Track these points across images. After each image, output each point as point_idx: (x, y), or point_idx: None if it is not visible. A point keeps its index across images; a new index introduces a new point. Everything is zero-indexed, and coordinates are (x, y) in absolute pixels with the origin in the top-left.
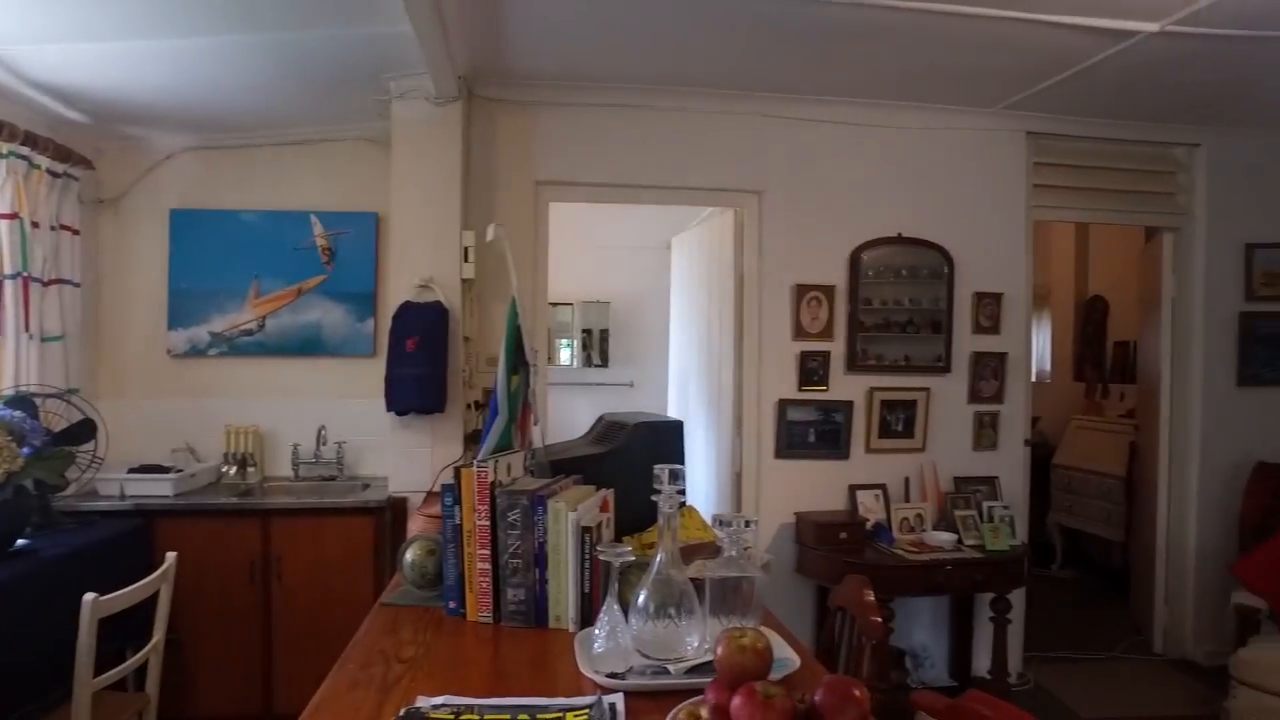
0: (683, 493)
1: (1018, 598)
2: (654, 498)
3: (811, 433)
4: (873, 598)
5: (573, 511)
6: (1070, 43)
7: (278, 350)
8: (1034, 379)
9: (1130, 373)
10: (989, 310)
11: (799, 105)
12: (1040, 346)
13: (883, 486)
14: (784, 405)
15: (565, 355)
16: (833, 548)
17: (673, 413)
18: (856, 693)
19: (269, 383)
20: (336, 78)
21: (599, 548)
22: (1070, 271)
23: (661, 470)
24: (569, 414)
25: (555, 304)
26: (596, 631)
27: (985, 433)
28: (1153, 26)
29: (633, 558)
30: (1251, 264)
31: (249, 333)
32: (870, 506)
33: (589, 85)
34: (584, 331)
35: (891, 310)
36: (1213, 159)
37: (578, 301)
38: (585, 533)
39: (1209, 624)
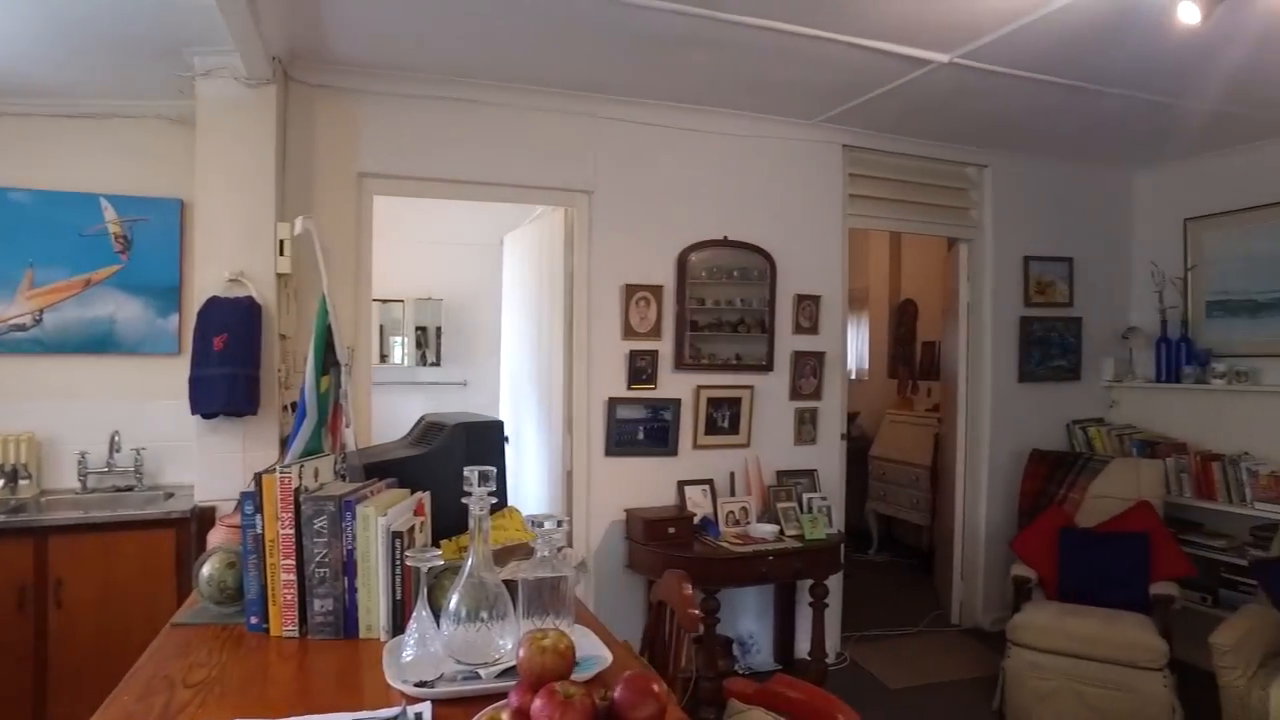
0: (494, 494)
1: (835, 583)
2: (464, 500)
3: (641, 430)
4: (690, 591)
5: (383, 516)
6: (877, 65)
7: (59, 348)
8: (854, 377)
9: (936, 370)
10: (809, 311)
11: (631, 108)
12: (859, 346)
13: (710, 482)
14: (613, 404)
15: (398, 354)
16: (662, 543)
17: (505, 412)
18: (655, 688)
19: (47, 384)
20: (125, 45)
21: (407, 553)
22: (885, 276)
23: (471, 473)
24: (401, 414)
25: (385, 301)
26: (407, 640)
27: (805, 428)
28: (944, 57)
29: (441, 562)
30: (1028, 274)
31: (21, 328)
32: (698, 501)
33: (418, 76)
34: (419, 329)
35: (724, 310)
36: (998, 179)
37: (409, 299)
38: (397, 538)
39: (995, 595)
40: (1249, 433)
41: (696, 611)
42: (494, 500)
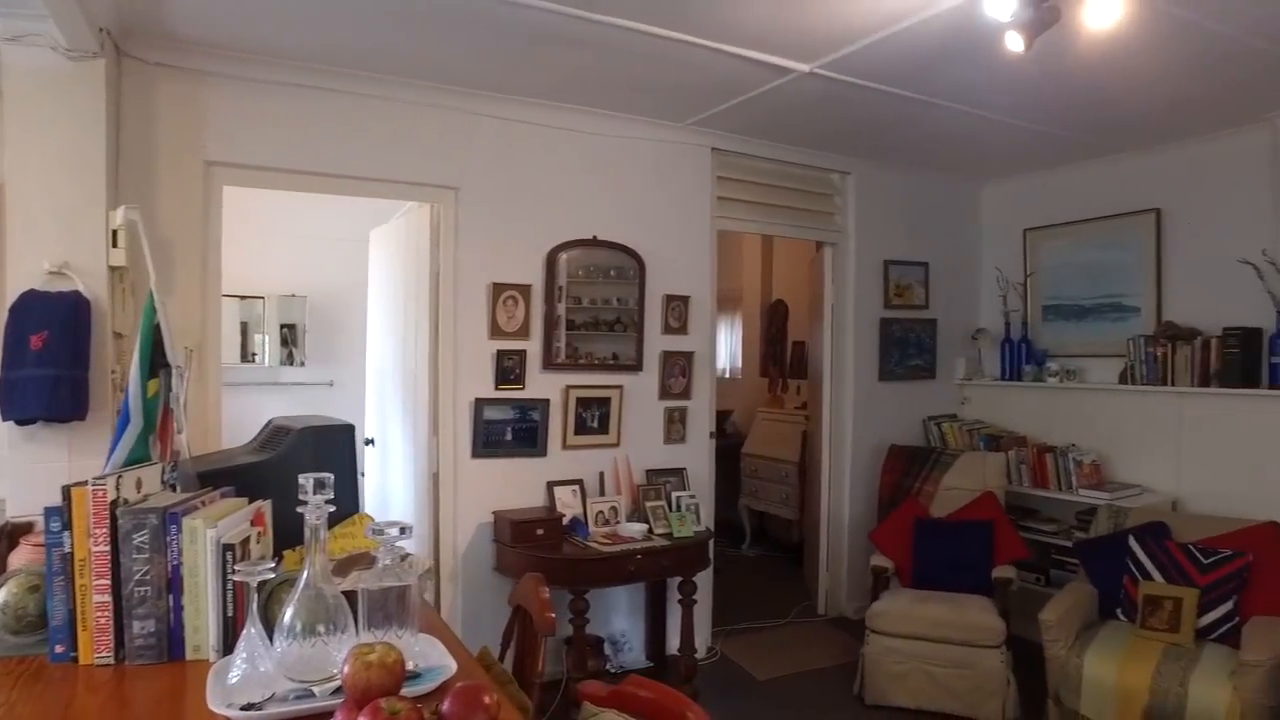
0: (334, 502)
1: (705, 579)
2: (300, 509)
3: (509, 431)
4: (547, 595)
5: (213, 528)
6: (743, 71)
7: None
8: (727, 376)
9: (805, 369)
10: (678, 312)
11: (500, 104)
12: (733, 346)
13: (579, 482)
14: (480, 404)
15: (261, 353)
16: (530, 545)
17: (370, 414)
18: (486, 699)
19: None
20: None
21: (237, 567)
22: (758, 278)
23: (307, 479)
24: (264, 418)
25: (245, 297)
26: (234, 660)
27: (675, 427)
28: (805, 67)
29: (273, 574)
30: (888, 277)
31: None
32: (568, 502)
33: (276, 62)
34: (285, 327)
35: (594, 310)
36: (860, 186)
37: (272, 295)
38: (228, 551)
39: (858, 584)
40: (1076, 426)
41: (553, 615)
42: (333, 509)
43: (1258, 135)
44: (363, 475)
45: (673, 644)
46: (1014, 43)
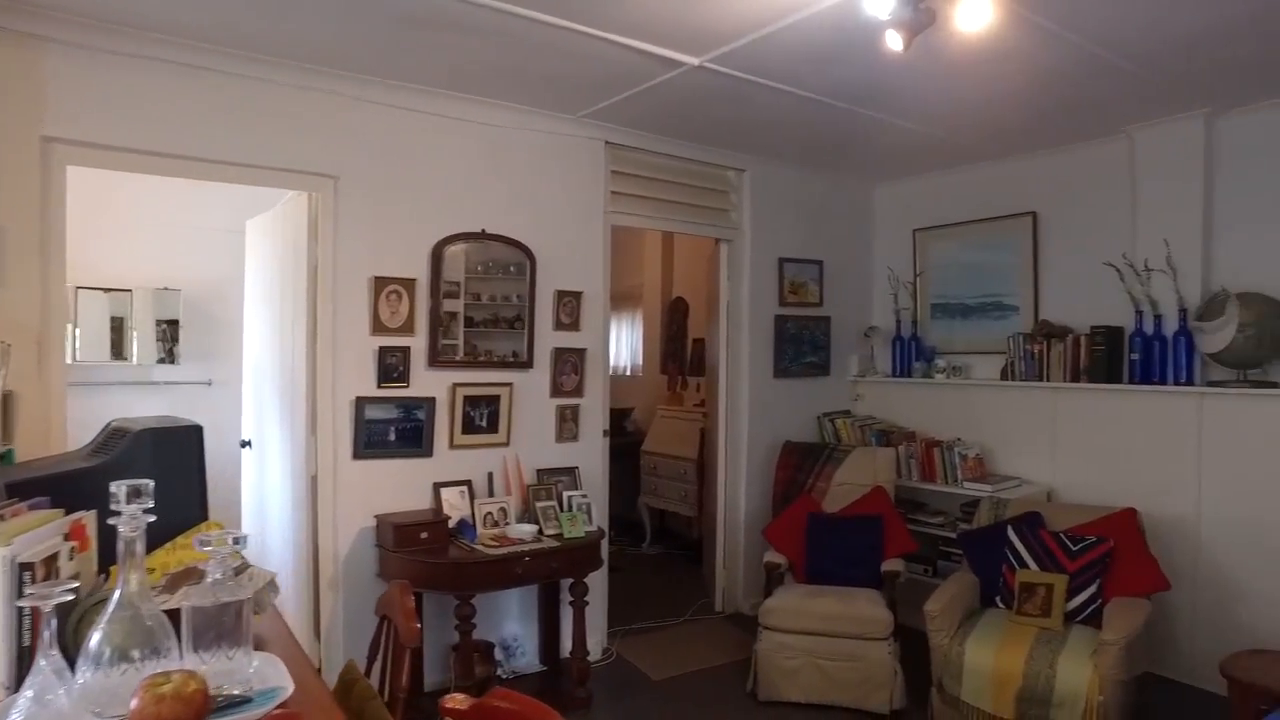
0: (150, 511)
1: (600, 579)
2: (110, 520)
3: (392, 431)
4: (412, 603)
5: (7, 546)
6: (633, 63)
7: None
8: (628, 373)
9: (704, 366)
10: (570, 308)
11: (383, 90)
12: (634, 343)
13: (468, 483)
14: (362, 403)
15: (131, 351)
16: (414, 549)
17: (248, 414)
18: None
19: None
20: None
21: (29, 589)
22: (659, 274)
23: (119, 487)
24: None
25: (111, 290)
26: (19, 698)
27: (567, 425)
28: (694, 60)
29: (70, 596)
30: (783, 274)
31: None
32: (455, 504)
33: (132, 32)
34: (163, 323)
35: (483, 306)
36: (755, 183)
37: (143, 288)
38: (25, 571)
39: (755, 580)
40: (962, 421)
41: (418, 625)
42: (152, 519)
43: (1118, 146)
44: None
45: (567, 647)
46: (893, 41)
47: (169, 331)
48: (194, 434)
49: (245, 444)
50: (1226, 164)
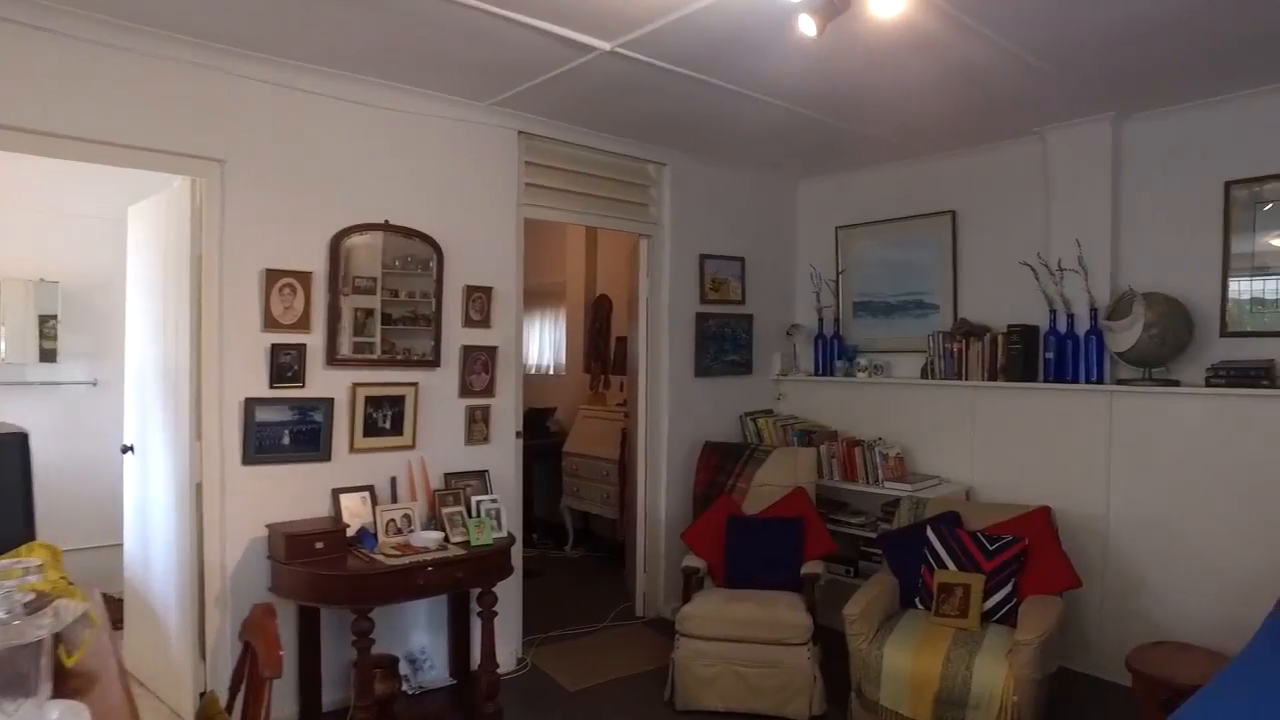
0: None
1: (515, 586)
2: None
3: (286, 434)
4: (276, 629)
5: None
6: (542, 47)
7: None
8: (551, 372)
9: (627, 365)
10: (480, 304)
11: (276, 69)
12: (557, 341)
13: (370, 488)
14: (252, 405)
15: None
16: (308, 560)
17: (131, 417)
18: None
19: None
20: None
21: None
22: (582, 271)
23: None
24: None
25: None
26: None
27: (477, 427)
28: (605, 45)
29: None
30: (704, 271)
31: None
32: (356, 510)
33: None
34: (46, 318)
35: (420, 303)
36: (675, 178)
37: (11, 279)
38: None
39: (676, 584)
40: (884, 420)
41: (282, 653)
42: None
43: (1032, 147)
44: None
45: (478, 659)
46: (806, 26)
47: (51, 327)
48: (15, 442)
49: (127, 449)
50: (1132, 166)
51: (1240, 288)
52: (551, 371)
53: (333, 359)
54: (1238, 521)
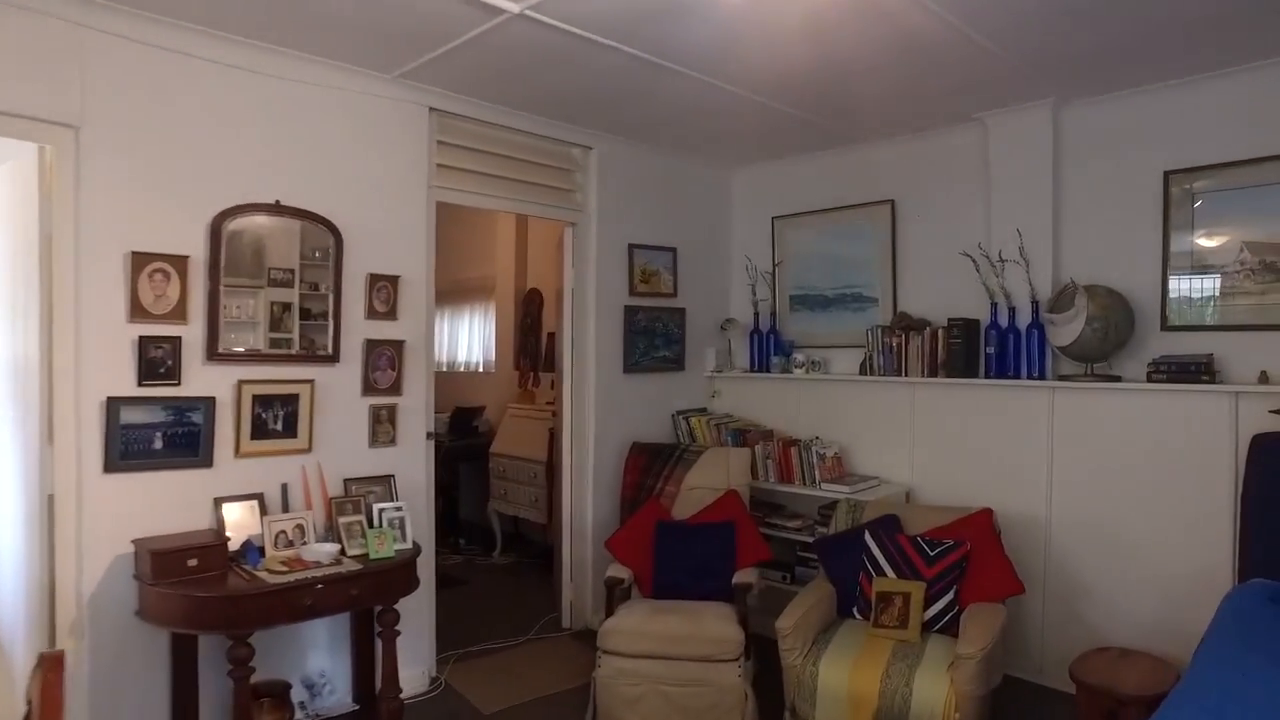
0: None
1: (423, 601)
2: None
3: (159, 438)
4: (59, 688)
5: None
6: (446, 10)
7: None
8: (480, 369)
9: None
10: (385, 294)
11: (143, 24)
12: (486, 337)
13: (258, 496)
14: (116, 405)
15: None
16: (181, 580)
17: None
18: None
19: None
20: None
21: None
22: (512, 264)
23: None
24: None
25: None
26: None
27: (383, 428)
28: (515, 7)
29: None
30: (633, 262)
31: None
32: (243, 521)
33: None
34: None
35: (311, 295)
36: (603, 163)
37: None
38: None
39: (603, 594)
40: (822, 418)
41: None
42: None
43: (972, 133)
44: None
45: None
46: None
47: None
48: None
49: None
50: (1073, 154)
51: (1180, 285)
52: (481, 369)
53: (214, 353)
54: (1180, 521)
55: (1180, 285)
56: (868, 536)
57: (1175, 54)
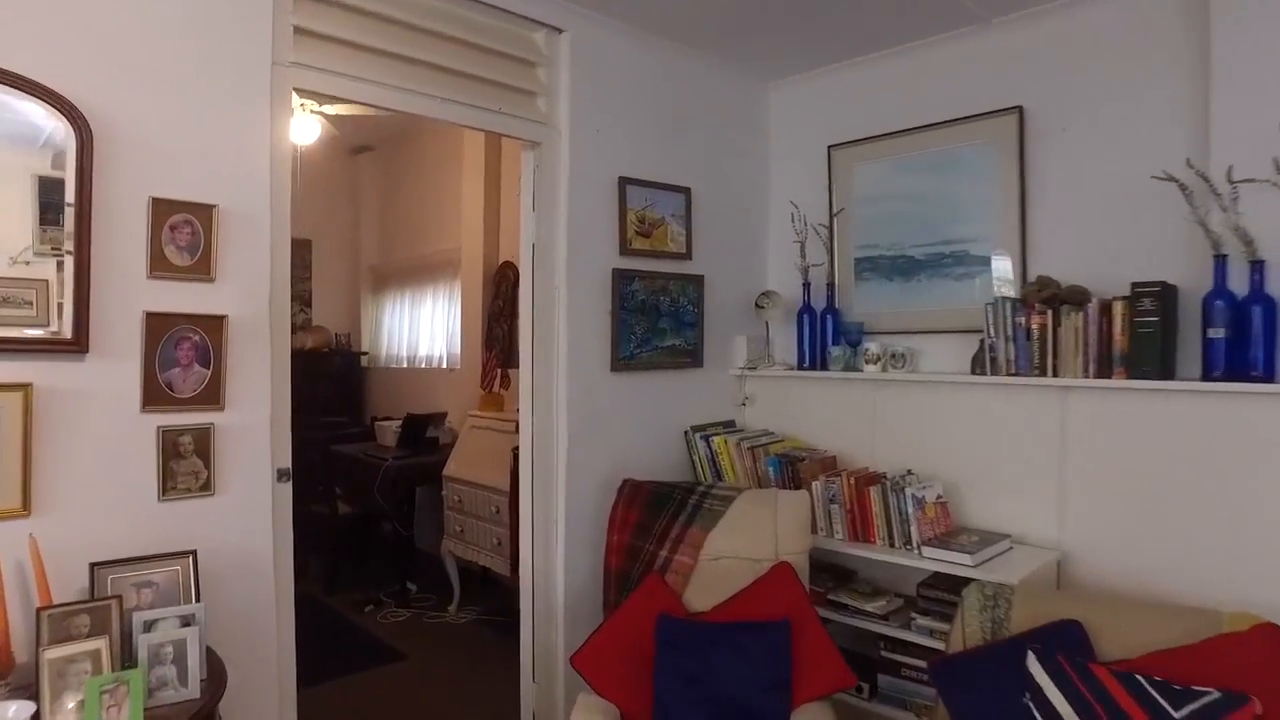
0: None
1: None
2: None
3: None
4: None
5: None
6: None
7: None
8: (444, 365)
9: None
10: (187, 235)
11: None
12: (451, 324)
13: None
14: None
15: None
16: None
17: None
18: None
19: None
20: None
21: None
22: (480, 234)
23: None
24: None
25: None
26: None
27: (186, 464)
28: None
29: None
30: (625, 204)
31: None
32: None
33: None
34: None
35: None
36: (579, 54)
37: None
38: None
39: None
40: (908, 440)
41: None
42: None
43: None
44: None
45: None
46: None
47: None
48: None
49: None
50: None
51: None
52: (444, 365)
53: None
54: None
55: None
56: (1034, 665)
57: None
